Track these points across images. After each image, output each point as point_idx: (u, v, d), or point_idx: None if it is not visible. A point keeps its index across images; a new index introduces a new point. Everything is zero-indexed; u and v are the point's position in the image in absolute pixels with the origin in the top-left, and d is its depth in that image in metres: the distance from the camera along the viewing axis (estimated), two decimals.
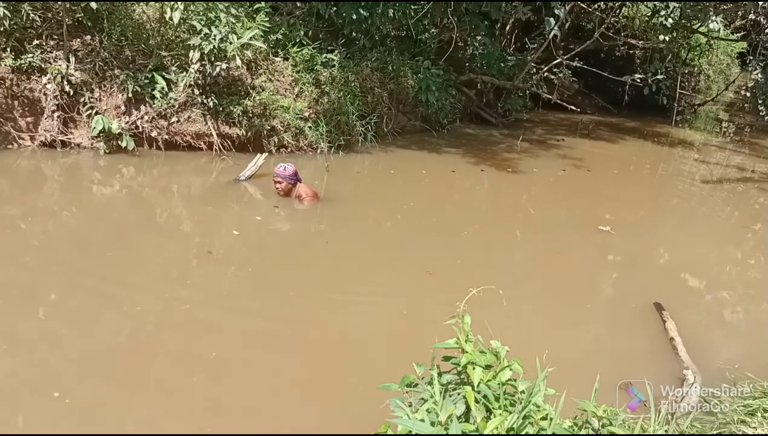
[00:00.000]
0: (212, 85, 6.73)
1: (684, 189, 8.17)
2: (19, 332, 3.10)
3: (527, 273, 4.75)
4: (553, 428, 1.67)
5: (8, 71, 6.00)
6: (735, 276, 5.02)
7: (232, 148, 6.86)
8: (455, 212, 6.05)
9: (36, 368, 2.84)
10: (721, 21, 10.07)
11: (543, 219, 6.15)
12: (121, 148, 6.29)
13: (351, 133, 7.77)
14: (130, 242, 4.41)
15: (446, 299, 2.16)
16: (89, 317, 3.31)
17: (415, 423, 1.61)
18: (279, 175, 5.43)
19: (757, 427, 2.52)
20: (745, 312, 4.37)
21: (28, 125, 6.22)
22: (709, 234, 6.27)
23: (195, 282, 3.93)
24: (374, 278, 4.32)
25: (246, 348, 3.22)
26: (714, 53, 15.35)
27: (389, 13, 8.27)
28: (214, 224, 5.05)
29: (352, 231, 5.18)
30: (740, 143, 12.61)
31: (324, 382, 2.99)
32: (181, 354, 3.12)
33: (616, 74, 10.87)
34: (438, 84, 9.09)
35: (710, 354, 3.59)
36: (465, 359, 1.80)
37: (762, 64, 11.47)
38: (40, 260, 3.93)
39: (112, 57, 6.45)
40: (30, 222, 4.61)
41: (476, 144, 9.19)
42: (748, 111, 15.65)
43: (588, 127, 11.46)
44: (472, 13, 9.78)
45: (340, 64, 7.78)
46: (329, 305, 3.77)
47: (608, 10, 10.25)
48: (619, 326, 3.90)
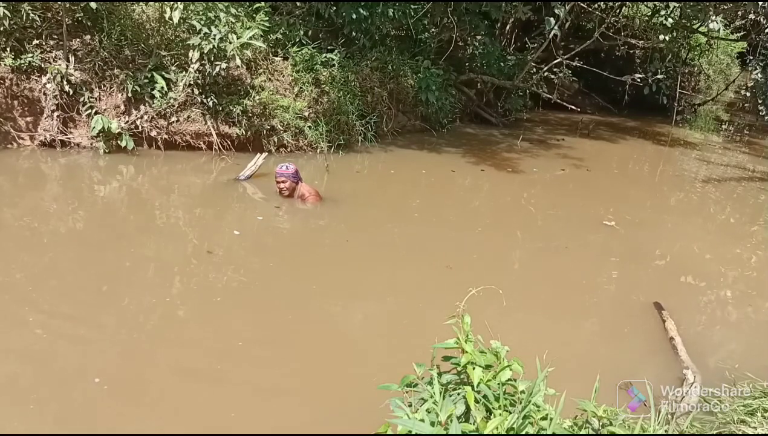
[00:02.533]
0: (212, 84, 6.73)
1: (684, 189, 8.17)
2: (17, 333, 3.09)
3: (527, 273, 4.74)
4: (553, 428, 1.67)
5: (8, 71, 6.00)
6: (735, 276, 5.02)
7: (231, 147, 6.86)
8: (455, 212, 6.04)
9: (33, 370, 2.83)
10: (721, 21, 10.07)
11: (543, 219, 6.15)
12: (121, 147, 6.28)
13: (351, 133, 7.77)
14: (129, 241, 4.40)
15: (446, 298, 2.16)
16: (89, 316, 3.31)
17: (415, 423, 1.61)
18: (282, 175, 5.42)
19: (757, 427, 2.51)
20: (744, 312, 4.37)
21: (27, 125, 6.22)
22: (709, 234, 6.27)
23: (195, 282, 3.93)
24: (375, 278, 4.32)
25: (246, 348, 3.22)
26: (714, 53, 15.33)
27: (389, 13, 8.27)
28: (214, 224, 5.05)
29: (353, 231, 5.18)
30: (740, 143, 12.62)
31: (324, 382, 2.99)
32: (180, 354, 3.12)
33: (616, 74, 10.87)
34: (438, 84, 9.08)
35: (710, 354, 3.60)
36: (465, 359, 1.80)
37: (762, 64, 11.48)
38: (40, 260, 3.93)
39: (112, 57, 6.44)
40: (29, 222, 4.61)
41: (476, 144, 9.18)
42: (748, 111, 15.66)
43: (588, 127, 11.46)
44: (472, 13, 9.77)
45: (340, 64, 7.77)
46: (329, 305, 3.77)
47: (608, 9, 10.25)
48: (619, 326, 3.90)
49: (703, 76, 15.73)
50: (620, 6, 10.63)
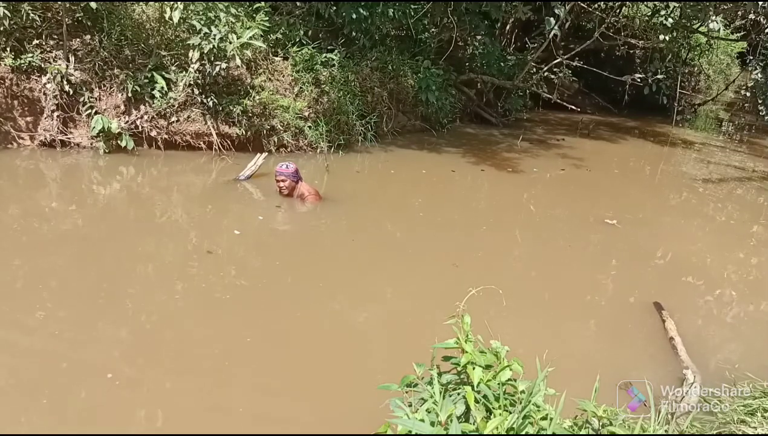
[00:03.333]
0: (212, 84, 6.73)
1: (684, 189, 8.17)
2: (16, 333, 3.09)
3: (527, 273, 4.74)
4: (553, 428, 1.67)
5: (8, 71, 6.00)
6: (735, 276, 5.02)
7: (231, 147, 6.86)
8: (455, 212, 6.04)
9: (31, 370, 2.83)
10: (721, 21, 10.05)
11: (543, 219, 6.15)
12: (121, 147, 6.28)
13: (351, 133, 7.77)
14: (130, 241, 4.40)
15: (446, 298, 2.16)
16: (89, 316, 3.31)
17: (415, 423, 1.61)
18: (282, 174, 5.42)
19: (757, 427, 2.51)
20: (745, 312, 4.37)
21: (27, 125, 6.22)
22: (709, 234, 6.26)
23: (196, 281, 3.92)
24: (374, 278, 4.32)
25: (246, 348, 3.22)
26: (714, 53, 15.35)
27: (389, 13, 8.27)
28: (214, 224, 5.05)
29: (353, 231, 5.18)
30: (740, 143, 12.62)
31: (324, 382, 2.98)
32: (180, 354, 3.12)
33: (617, 74, 10.88)
34: (438, 83, 9.08)
35: (710, 354, 3.60)
36: (465, 359, 1.80)
37: (762, 64, 11.48)
38: (39, 259, 3.92)
39: (112, 57, 6.44)
40: (29, 222, 4.61)
41: (476, 144, 9.18)
42: (748, 111, 15.66)
43: (588, 127, 11.46)
44: (472, 13, 9.77)
45: (340, 64, 7.77)
46: (330, 305, 3.77)
47: (608, 9, 10.25)
48: (619, 326, 3.90)
49: (703, 76, 15.74)
50: (620, 6, 10.63)
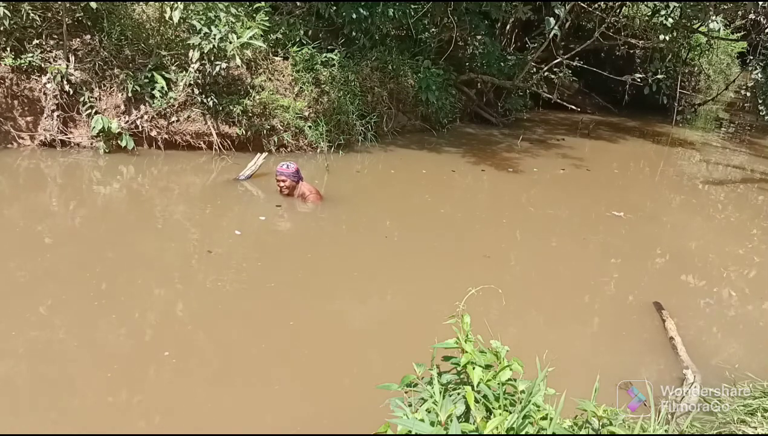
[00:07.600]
0: (212, 84, 6.73)
1: (684, 189, 8.16)
2: (16, 333, 3.09)
3: (527, 272, 4.74)
4: (553, 427, 1.67)
5: (8, 71, 6.01)
6: (735, 276, 5.02)
7: (231, 147, 6.86)
8: (455, 212, 6.04)
9: (32, 369, 2.83)
10: (721, 21, 10.05)
11: (543, 219, 6.14)
12: (121, 147, 6.29)
13: (351, 133, 7.77)
14: (129, 241, 4.40)
15: (446, 298, 2.16)
16: (89, 316, 3.31)
17: (415, 423, 1.61)
18: (282, 174, 5.42)
19: (757, 427, 2.51)
20: (745, 312, 4.36)
21: (27, 125, 6.22)
22: (709, 233, 6.26)
23: (196, 281, 3.92)
24: (374, 277, 4.32)
25: (246, 348, 3.22)
26: (714, 53, 15.33)
27: (389, 13, 8.27)
28: (215, 224, 5.05)
29: (353, 231, 5.18)
30: (740, 143, 12.60)
31: (324, 382, 2.98)
32: (180, 354, 3.12)
33: (617, 74, 10.87)
34: (438, 83, 9.08)
35: (710, 354, 3.59)
36: (465, 359, 1.80)
37: (762, 64, 11.46)
38: (39, 259, 3.92)
39: (112, 56, 6.45)
40: (29, 222, 4.61)
41: (476, 143, 9.18)
42: (748, 111, 15.63)
43: (588, 127, 11.46)
44: (472, 13, 9.77)
45: (340, 64, 7.77)
46: (330, 304, 3.77)
47: (608, 9, 10.24)
48: (619, 326, 3.90)
49: (703, 76, 15.72)
50: (620, 6, 10.62)
